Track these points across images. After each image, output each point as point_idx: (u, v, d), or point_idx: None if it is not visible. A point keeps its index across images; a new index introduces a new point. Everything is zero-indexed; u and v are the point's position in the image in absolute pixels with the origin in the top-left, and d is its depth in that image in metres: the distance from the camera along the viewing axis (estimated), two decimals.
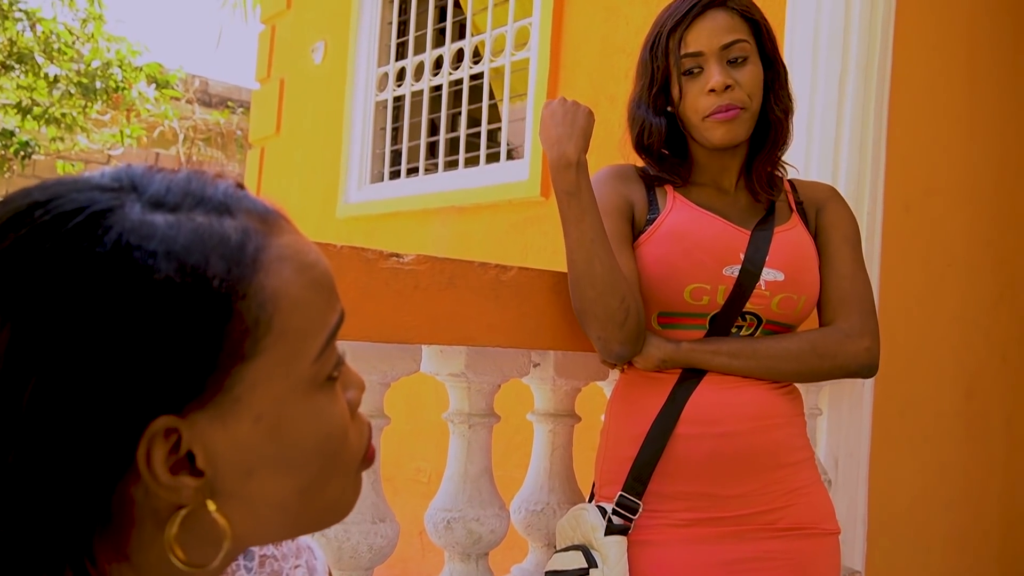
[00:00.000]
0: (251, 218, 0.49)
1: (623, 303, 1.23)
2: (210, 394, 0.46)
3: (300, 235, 0.52)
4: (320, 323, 0.50)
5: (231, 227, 0.47)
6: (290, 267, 0.49)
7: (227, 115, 9.84)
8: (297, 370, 0.49)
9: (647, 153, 1.40)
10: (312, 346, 0.49)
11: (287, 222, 0.52)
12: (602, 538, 1.26)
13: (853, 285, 1.36)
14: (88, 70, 8.28)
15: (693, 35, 1.30)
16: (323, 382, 0.50)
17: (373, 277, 1.17)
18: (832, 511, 1.36)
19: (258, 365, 0.47)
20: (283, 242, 0.49)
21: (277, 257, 0.48)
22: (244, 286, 0.46)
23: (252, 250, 0.47)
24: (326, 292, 0.51)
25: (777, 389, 1.33)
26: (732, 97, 1.30)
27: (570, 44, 3.17)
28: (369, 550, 1.25)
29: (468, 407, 1.41)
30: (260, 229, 0.49)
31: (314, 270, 0.50)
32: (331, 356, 0.51)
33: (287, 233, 0.51)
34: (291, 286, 0.48)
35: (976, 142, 2.55)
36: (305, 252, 0.51)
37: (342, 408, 0.52)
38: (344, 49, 4.23)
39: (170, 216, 0.46)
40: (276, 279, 0.48)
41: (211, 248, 0.46)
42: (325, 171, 4.29)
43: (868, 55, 2.12)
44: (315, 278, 0.50)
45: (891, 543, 2.20)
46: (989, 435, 2.60)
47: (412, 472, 3.42)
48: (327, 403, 0.51)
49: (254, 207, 0.50)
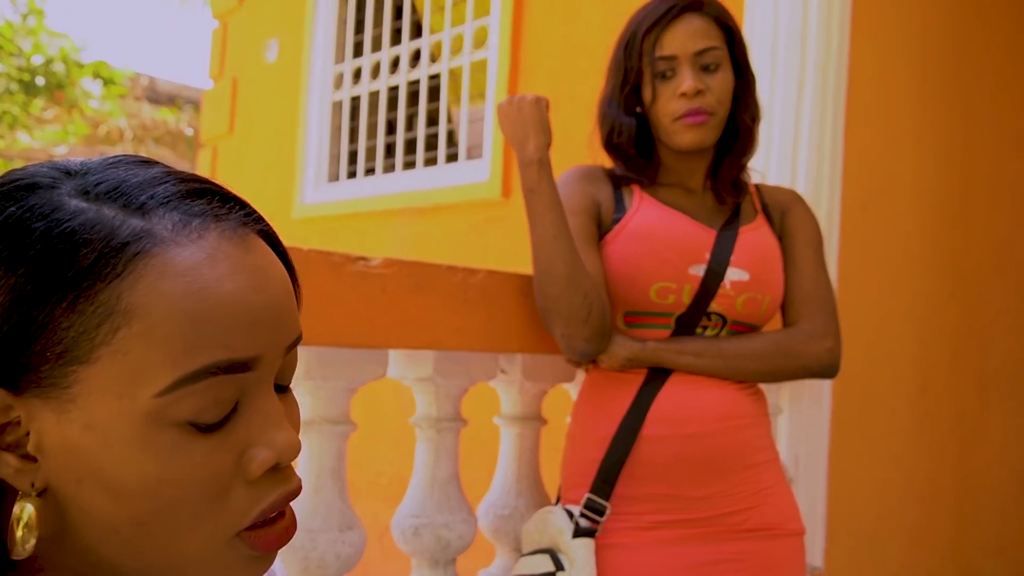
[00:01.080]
0: (166, 224, 0.45)
1: (586, 299, 1.23)
2: (46, 382, 0.44)
3: (220, 261, 0.45)
4: (177, 359, 0.44)
5: (128, 227, 0.44)
6: (168, 288, 0.43)
7: (176, 113, 9.66)
8: (134, 397, 0.44)
9: (616, 152, 1.40)
10: (157, 379, 0.44)
11: (226, 239, 0.46)
12: (570, 540, 1.26)
13: (816, 287, 1.38)
14: (29, 66, 8.06)
15: (668, 38, 1.31)
16: (174, 423, 0.45)
17: (340, 281, 1.15)
18: (797, 511, 1.38)
19: (96, 373, 0.44)
20: (184, 261, 0.44)
21: (159, 272, 0.44)
22: (98, 287, 0.43)
23: (129, 255, 0.43)
24: (209, 330, 0.44)
25: (743, 389, 1.34)
26: (702, 102, 1.31)
27: (530, 44, 3.16)
28: (336, 559, 1.22)
29: (436, 412, 1.40)
30: (164, 237, 0.44)
31: (204, 302, 0.44)
32: (193, 401, 0.45)
33: (206, 255, 0.45)
34: (155, 307, 0.43)
35: (929, 142, 2.60)
36: (204, 281, 0.44)
37: (205, 462, 0.46)
38: (299, 47, 4.17)
39: (82, 203, 0.45)
40: (140, 294, 0.43)
41: (91, 240, 0.43)
42: (280, 171, 4.23)
43: (825, 57, 2.15)
44: (199, 311, 0.44)
45: (851, 539, 2.23)
46: (941, 430, 2.66)
47: (372, 475, 3.38)
48: (169, 446, 0.45)
49: (179, 214, 0.45)
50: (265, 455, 0.47)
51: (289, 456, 0.48)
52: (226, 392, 0.46)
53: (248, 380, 0.46)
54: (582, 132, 1.49)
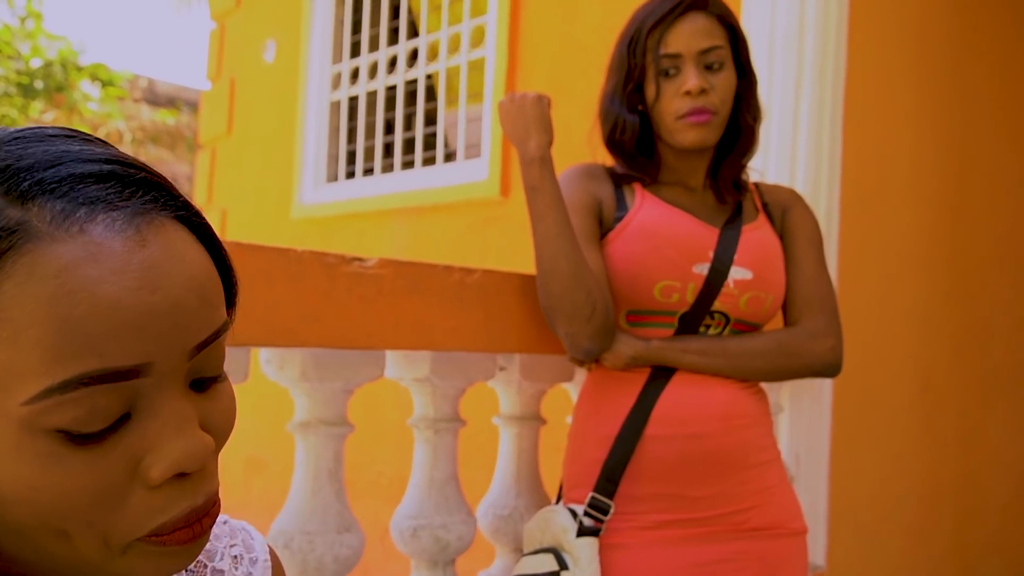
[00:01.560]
0: (47, 215, 0.40)
1: (589, 297, 1.23)
2: None
3: (120, 267, 0.41)
4: (46, 367, 0.40)
5: (2, 219, 0.40)
6: (37, 290, 0.39)
7: (175, 115, 9.65)
8: (3, 404, 0.40)
9: (617, 150, 1.39)
10: (24, 387, 0.40)
11: (122, 237, 0.41)
12: (574, 540, 1.25)
13: (818, 286, 1.37)
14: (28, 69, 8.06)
15: (673, 36, 1.30)
16: (46, 431, 0.41)
17: (335, 282, 1.14)
18: (799, 510, 1.37)
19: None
20: (60, 259, 0.40)
21: (28, 272, 0.39)
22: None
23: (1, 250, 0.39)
24: (81, 337, 0.40)
25: (745, 389, 1.33)
26: (706, 101, 1.30)
27: (527, 42, 3.15)
28: (334, 561, 1.22)
29: (433, 412, 1.39)
30: (41, 231, 0.40)
31: (76, 307, 0.39)
32: (66, 411, 0.41)
33: (92, 255, 0.40)
34: (21, 311, 0.39)
35: (927, 139, 2.59)
36: (84, 282, 0.40)
37: (88, 471, 0.42)
38: (296, 48, 4.16)
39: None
40: (6, 296, 0.39)
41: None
42: (279, 172, 4.22)
43: (823, 55, 2.14)
44: (70, 316, 0.39)
45: (852, 538, 2.23)
46: (943, 428, 2.65)
47: (373, 476, 3.37)
48: (44, 455, 0.41)
49: (71, 205, 0.41)
50: (162, 465, 0.43)
51: (190, 464, 0.44)
52: (107, 401, 0.41)
53: (140, 387, 0.42)
54: (580, 130, 1.48)
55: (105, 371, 0.40)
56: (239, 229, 4.50)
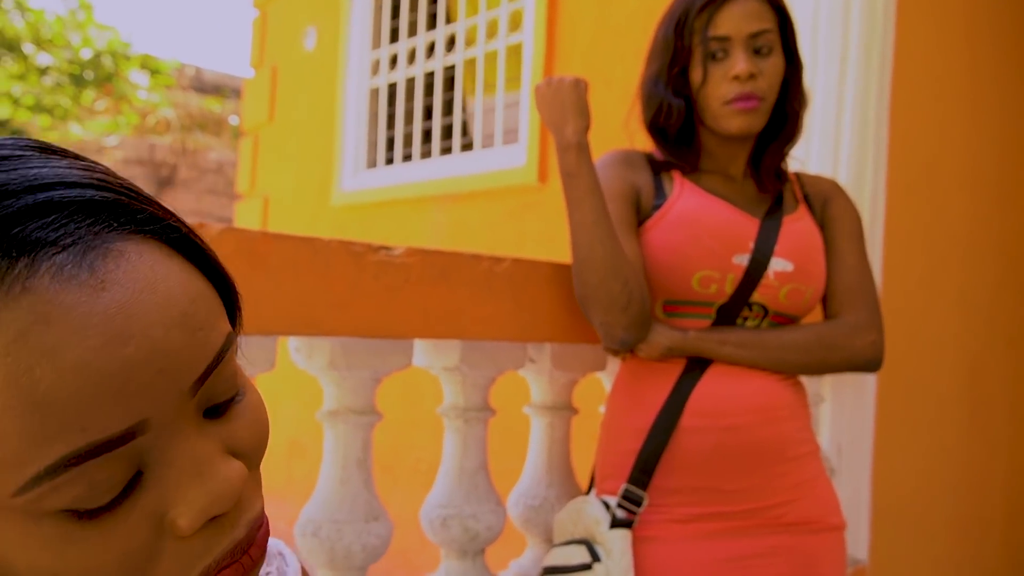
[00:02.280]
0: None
1: (626, 287, 1.20)
2: None
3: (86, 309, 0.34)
4: (22, 458, 0.34)
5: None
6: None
7: (221, 102, 9.78)
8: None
9: (660, 135, 1.36)
10: (10, 478, 0.34)
11: (70, 280, 0.34)
12: (606, 531, 1.23)
13: (859, 279, 1.33)
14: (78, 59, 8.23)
15: (722, 18, 1.27)
16: (50, 514, 0.36)
17: (362, 271, 1.13)
18: (838, 505, 1.34)
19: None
20: (4, 333, 0.33)
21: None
22: None
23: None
24: (53, 418, 0.34)
25: (782, 381, 1.30)
26: (754, 86, 1.27)
27: (565, 27, 3.11)
28: (362, 550, 1.22)
29: (463, 401, 1.38)
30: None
31: (36, 386, 0.33)
32: (64, 493, 0.35)
33: (40, 317, 0.34)
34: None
35: (978, 122, 2.50)
36: (37, 356, 0.34)
37: (109, 544, 0.37)
38: (336, 34, 4.17)
39: None
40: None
41: None
42: (319, 158, 4.25)
43: (869, 35, 2.07)
44: (32, 398, 0.33)
45: (895, 531, 2.17)
46: (993, 420, 2.57)
47: (412, 462, 3.39)
48: (55, 538, 0.36)
49: (2, 263, 0.34)
50: (189, 517, 0.38)
51: (219, 507, 0.39)
52: (106, 472, 0.36)
53: (142, 444, 0.37)
54: (618, 115, 1.45)
55: (92, 446, 0.35)
56: (281, 216, 4.55)
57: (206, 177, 9.82)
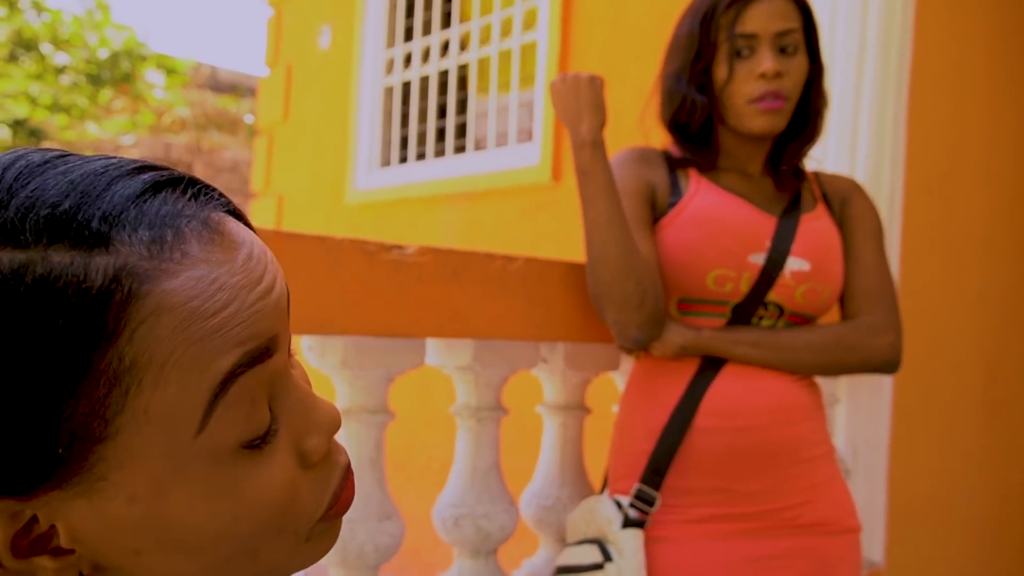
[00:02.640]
0: (137, 250, 0.37)
1: (639, 285, 1.19)
2: (62, 476, 0.37)
3: (219, 261, 0.40)
4: (199, 383, 0.39)
5: (98, 270, 0.36)
6: (169, 322, 0.37)
7: (236, 101, 9.82)
8: (176, 448, 0.39)
9: (681, 131, 1.34)
10: (189, 417, 0.39)
11: (205, 242, 0.40)
12: (619, 531, 1.23)
13: (878, 280, 1.32)
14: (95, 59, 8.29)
15: (750, 15, 1.25)
16: (232, 452, 0.40)
17: (375, 270, 1.13)
18: (853, 507, 1.32)
19: (120, 443, 0.37)
20: (174, 285, 0.38)
21: (154, 309, 0.37)
22: (92, 360, 0.36)
23: (116, 304, 0.36)
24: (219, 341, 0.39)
25: (797, 381, 1.29)
26: (780, 85, 1.26)
27: (579, 25, 3.10)
28: (375, 549, 1.22)
29: (476, 401, 1.38)
30: (143, 268, 0.37)
31: (209, 320, 0.39)
32: (234, 416, 0.40)
33: (190, 265, 0.39)
34: (162, 349, 0.37)
35: (995, 121, 2.48)
36: (203, 294, 0.39)
37: (272, 476, 0.42)
38: (351, 33, 4.18)
39: (19, 255, 0.36)
40: (139, 344, 0.37)
41: (59, 307, 0.35)
42: (334, 157, 4.26)
43: (887, 34, 2.05)
44: (206, 330, 0.39)
45: (911, 534, 2.15)
46: (1012, 421, 2.55)
47: (425, 460, 3.39)
48: (235, 478, 0.40)
49: (149, 229, 0.38)
50: (318, 441, 0.44)
51: (336, 428, 0.45)
52: (258, 390, 0.41)
53: (272, 365, 0.42)
54: (633, 113, 1.44)
55: (249, 354, 0.40)
56: (295, 215, 4.56)
57: (221, 176, 9.86)
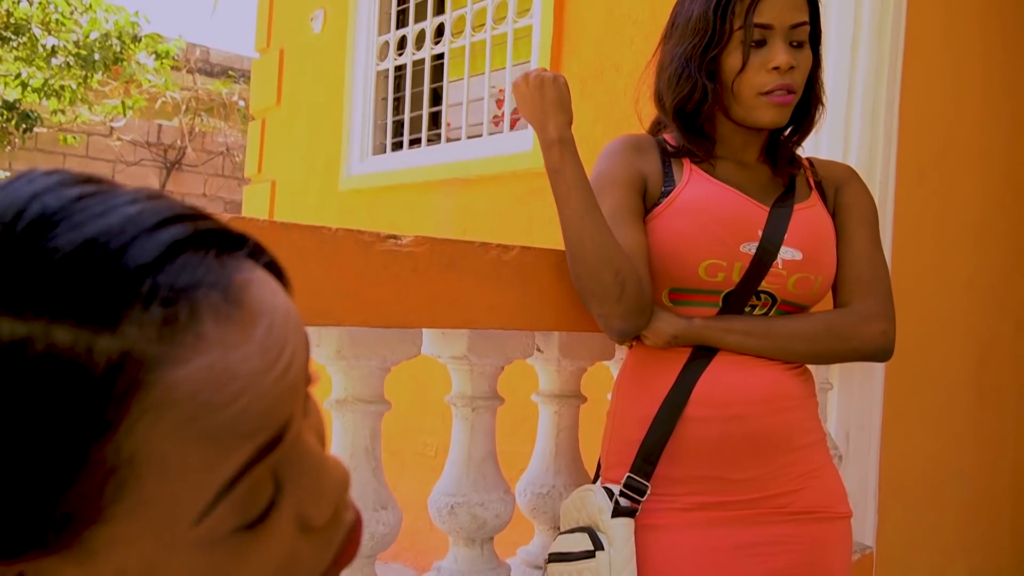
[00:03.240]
0: (146, 331, 0.34)
1: (617, 276, 1.19)
2: (53, 546, 0.35)
3: (235, 344, 0.36)
4: (204, 480, 0.36)
5: (101, 353, 0.33)
6: (175, 416, 0.35)
7: (229, 84, 9.76)
8: (172, 536, 0.37)
9: (684, 118, 1.32)
10: (189, 511, 0.37)
11: (223, 320, 0.36)
12: (609, 520, 1.23)
13: (871, 267, 1.32)
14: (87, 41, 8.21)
15: (768, 4, 1.24)
16: (223, 538, 0.38)
17: (370, 260, 1.13)
18: (844, 494, 1.33)
19: (114, 529, 0.36)
20: (182, 375, 0.35)
21: (160, 401, 0.34)
22: (88, 452, 0.34)
23: (119, 395, 0.33)
24: (230, 436, 0.36)
25: (789, 370, 1.29)
26: (792, 78, 1.25)
27: (574, 11, 3.09)
28: (371, 538, 1.23)
29: (471, 390, 1.38)
30: (151, 354, 0.34)
31: (218, 413, 0.36)
32: (234, 506, 0.38)
33: (204, 351, 0.35)
34: (165, 444, 0.35)
35: (989, 108, 2.48)
36: (216, 386, 0.35)
37: (269, 552, 0.40)
38: (344, 17, 4.15)
39: (20, 327, 0.32)
40: (140, 438, 0.34)
41: (58, 392, 0.33)
42: (327, 143, 4.24)
43: (880, 16, 2.05)
44: (215, 424, 0.36)
45: (903, 517, 2.17)
46: (1001, 405, 2.57)
47: (419, 446, 3.41)
48: (233, 557, 0.39)
49: (163, 306, 0.34)
50: (324, 509, 0.42)
51: (343, 493, 0.42)
52: (263, 477, 0.39)
53: (283, 448, 0.40)
54: (626, 99, 1.44)
55: (258, 450, 0.37)
56: (288, 200, 4.55)
57: (214, 160, 9.81)
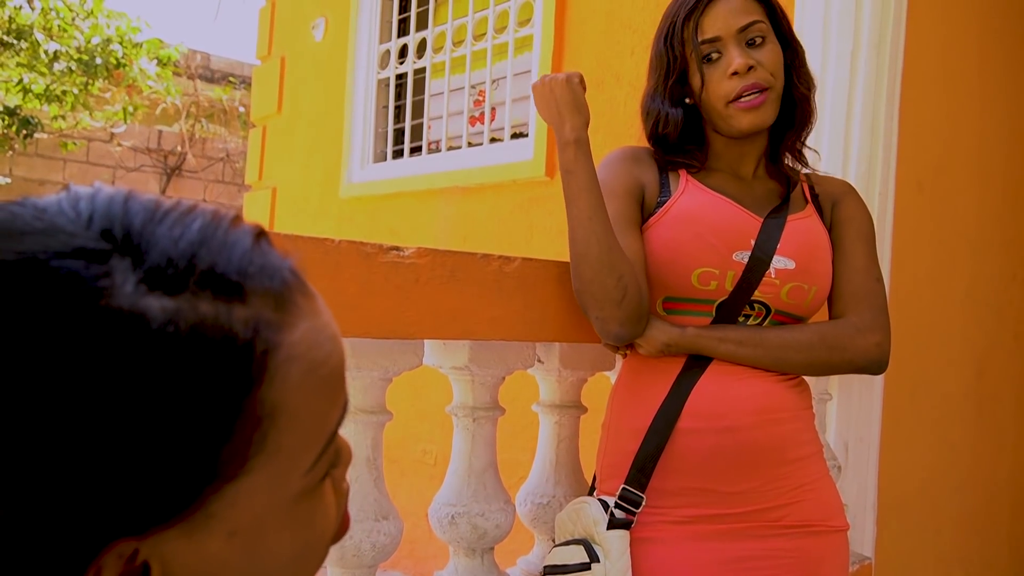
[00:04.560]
0: (265, 303, 0.40)
1: (620, 282, 1.20)
2: (179, 515, 0.39)
3: (316, 312, 0.43)
4: (319, 431, 0.43)
5: (240, 320, 0.39)
6: (297, 370, 0.41)
7: (229, 91, 9.77)
8: (285, 486, 0.42)
9: (662, 145, 1.36)
10: (306, 459, 0.43)
11: (303, 294, 0.43)
12: (604, 532, 1.24)
13: (866, 280, 1.33)
14: (88, 47, 8.22)
15: (709, 20, 1.27)
16: (314, 487, 0.44)
17: (373, 272, 1.14)
18: (841, 507, 1.34)
19: (242, 484, 0.40)
20: (296, 337, 0.41)
21: (285, 358, 0.40)
22: (241, 407, 0.38)
23: (259, 354, 0.39)
24: (332, 390, 0.44)
25: (784, 381, 1.30)
26: (757, 77, 1.26)
27: (574, 21, 3.10)
28: (372, 548, 1.23)
29: (472, 400, 1.39)
30: (273, 320, 0.40)
31: (323, 367, 0.42)
32: (326, 460, 0.44)
33: (302, 317, 0.42)
34: (293, 395, 0.41)
35: (988, 117, 2.49)
36: (317, 344, 0.42)
37: (328, 506, 0.46)
38: (345, 26, 4.17)
39: (169, 302, 0.37)
40: (278, 390, 0.40)
41: (213, 354, 0.37)
42: (328, 150, 4.25)
43: (880, 31, 2.06)
44: (323, 378, 0.42)
45: (901, 527, 2.18)
46: (999, 416, 2.57)
47: (418, 454, 3.41)
48: (312, 510, 0.45)
49: (271, 282, 0.41)
50: (344, 469, 0.49)
51: (350, 462, 0.50)
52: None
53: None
54: (628, 109, 1.46)
55: (344, 405, 0.46)
56: (289, 208, 4.55)
57: (214, 166, 9.82)
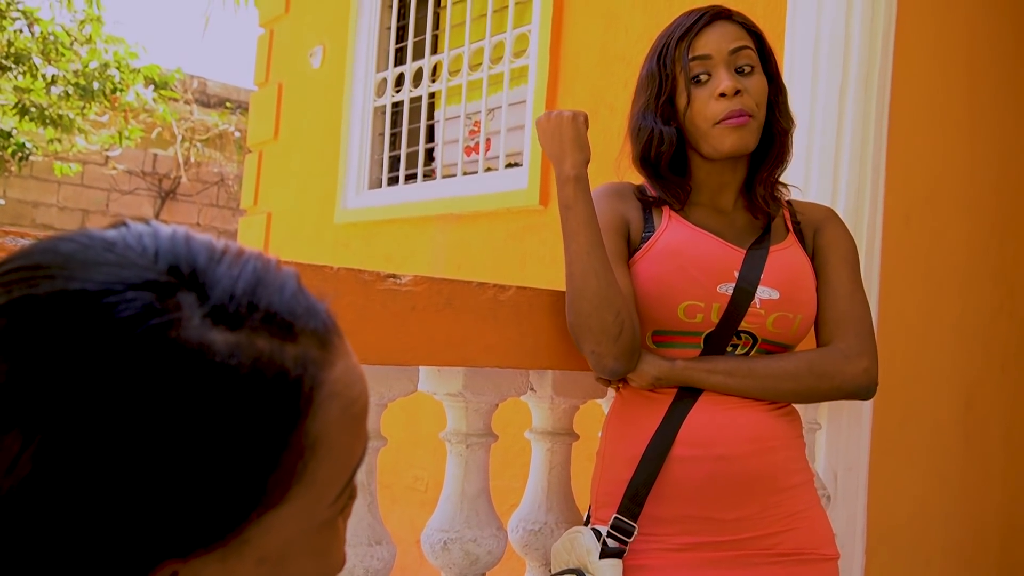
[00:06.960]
0: (312, 342, 0.43)
1: (618, 317, 1.22)
2: (217, 543, 0.41)
3: (349, 354, 0.47)
4: (346, 465, 0.46)
5: (291, 358, 0.42)
6: (336, 406, 0.44)
7: (225, 116, 9.82)
8: (313, 515, 0.45)
9: (651, 167, 1.37)
10: (333, 491, 0.46)
11: (338, 335, 0.46)
12: (597, 561, 1.25)
13: (851, 306, 1.34)
14: (86, 71, 8.26)
15: (702, 41, 1.31)
16: (334, 518, 0.47)
17: (370, 299, 1.16)
18: (832, 535, 1.35)
19: (279, 512, 0.43)
20: (336, 375, 0.44)
21: (328, 395, 0.44)
22: (291, 434, 0.42)
23: (307, 390, 0.42)
24: (360, 426, 0.47)
25: (775, 411, 1.32)
26: (742, 102, 1.29)
27: (569, 52, 3.15)
28: (365, 572, 1.24)
29: (466, 427, 1.40)
30: (318, 358, 0.44)
31: (356, 404, 0.46)
32: (347, 493, 0.48)
33: (340, 357, 0.45)
34: (331, 429, 0.44)
35: (976, 150, 2.54)
36: (352, 383, 0.46)
37: (342, 538, 0.49)
38: (343, 54, 4.22)
39: (231, 337, 0.40)
40: (320, 423, 0.43)
41: (268, 387, 0.41)
42: (323, 177, 4.28)
43: (868, 65, 2.11)
44: (355, 415, 0.46)
45: (890, 557, 2.19)
46: (988, 446, 2.59)
47: (410, 480, 3.40)
48: (331, 540, 0.48)
49: (315, 322, 0.44)
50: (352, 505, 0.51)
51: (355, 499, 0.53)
52: None
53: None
54: (620, 140, 1.48)
55: (368, 439, 0.49)
56: (284, 233, 4.57)
57: (209, 190, 9.85)
